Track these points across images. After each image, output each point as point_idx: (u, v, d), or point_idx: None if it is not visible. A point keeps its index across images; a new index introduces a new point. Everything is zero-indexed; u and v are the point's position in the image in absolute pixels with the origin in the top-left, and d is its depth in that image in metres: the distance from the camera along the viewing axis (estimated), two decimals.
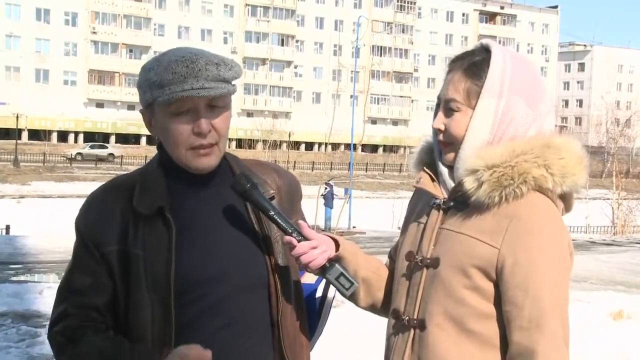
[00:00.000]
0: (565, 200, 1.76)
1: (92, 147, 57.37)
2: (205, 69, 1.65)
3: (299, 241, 1.75)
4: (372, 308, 1.98)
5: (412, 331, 1.78)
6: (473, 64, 1.76)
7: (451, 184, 1.78)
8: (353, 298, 1.92)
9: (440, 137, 1.80)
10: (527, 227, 1.66)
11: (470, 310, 1.70)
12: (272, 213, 1.75)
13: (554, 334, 1.62)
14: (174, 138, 1.69)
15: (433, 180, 1.83)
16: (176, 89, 1.63)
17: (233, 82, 1.72)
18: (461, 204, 1.74)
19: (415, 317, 1.78)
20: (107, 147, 58.32)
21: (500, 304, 1.68)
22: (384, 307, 1.93)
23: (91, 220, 1.74)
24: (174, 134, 1.68)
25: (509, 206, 1.68)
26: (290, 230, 1.75)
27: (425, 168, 1.85)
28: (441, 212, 1.79)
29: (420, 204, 1.89)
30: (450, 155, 1.78)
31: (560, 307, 1.65)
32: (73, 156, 53.56)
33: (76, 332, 1.69)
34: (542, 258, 1.64)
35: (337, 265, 1.79)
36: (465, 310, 1.70)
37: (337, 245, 1.86)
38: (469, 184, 1.70)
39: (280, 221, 1.75)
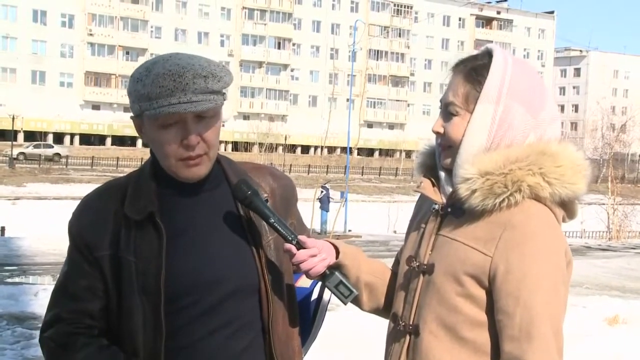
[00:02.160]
0: (567, 207, 1.73)
1: (36, 146, 54.19)
2: (193, 82, 1.62)
3: (298, 249, 1.75)
4: (376, 311, 1.97)
5: (407, 337, 1.77)
6: (473, 69, 1.74)
7: (449, 189, 1.77)
8: (356, 302, 1.91)
9: (439, 140, 1.80)
10: (521, 235, 1.64)
11: (463, 318, 1.68)
12: (273, 220, 1.74)
13: (545, 343, 1.59)
14: (162, 149, 1.68)
15: (434, 185, 1.81)
16: (163, 102, 1.62)
17: (223, 91, 1.70)
18: (458, 210, 1.73)
19: (411, 322, 1.77)
20: (52, 147, 55.21)
21: (493, 312, 1.66)
22: (387, 311, 1.92)
23: (84, 224, 1.73)
24: (162, 146, 1.67)
25: (503, 214, 1.66)
26: (290, 238, 1.74)
27: (427, 172, 1.85)
28: (439, 217, 1.78)
29: (424, 208, 1.88)
30: (448, 160, 1.77)
31: (553, 316, 1.61)
32: (15, 156, 49.73)
33: (68, 338, 1.68)
34: (535, 266, 1.62)
35: (336, 273, 1.78)
36: (458, 317, 1.69)
37: (338, 252, 1.85)
38: (463, 191, 1.69)
39: (280, 228, 1.74)
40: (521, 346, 1.60)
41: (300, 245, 1.75)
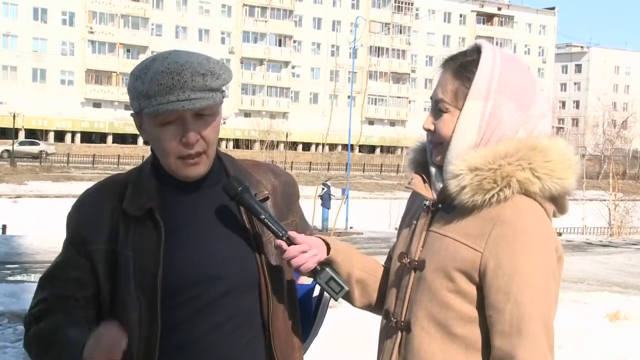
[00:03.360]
0: (557, 202, 1.73)
1: (21, 143, 52.78)
2: (192, 79, 1.63)
3: (289, 245, 1.75)
4: (368, 308, 1.97)
5: (399, 333, 1.77)
6: (462, 65, 1.74)
7: (439, 185, 1.77)
8: (348, 299, 1.91)
9: (430, 137, 1.79)
10: (511, 230, 1.63)
11: (454, 314, 1.69)
12: (264, 216, 1.74)
13: (535, 339, 1.59)
14: (162, 147, 1.69)
15: (425, 181, 1.81)
16: (162, 100, 1.62)
17: (223, 88, 1.71)
18: (448, 206, 1.73)
19: (402, 319, 1.77)
20: (38, 144, 53.71)
21: (484, 308, 1.66)
22: (379, 307, 1.92)
23: (82, 217, 1.75)
24: (161, 144, 1.68)
25: (493, 209, 1.66)
26: (281, 234, 1.75)
27: (418, 169, 1.85)
28: (430, 214, 1.78)
29: (416, 205, 1.88)
30: (439, 157, 1.77)
31: (544, 312, 1.61)
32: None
33: (47, 313, 1.71)
34: (525, 262, 1.61)
35: (327, 269, 1.78)
36: (449, 314, 1.69)
37: (330, 248, 1.85)
38: (452, 187, 1.69)
39: (271, 224, 1.75)
40: (512, 342, 1.60)
41: (290, 242, 1.75)
